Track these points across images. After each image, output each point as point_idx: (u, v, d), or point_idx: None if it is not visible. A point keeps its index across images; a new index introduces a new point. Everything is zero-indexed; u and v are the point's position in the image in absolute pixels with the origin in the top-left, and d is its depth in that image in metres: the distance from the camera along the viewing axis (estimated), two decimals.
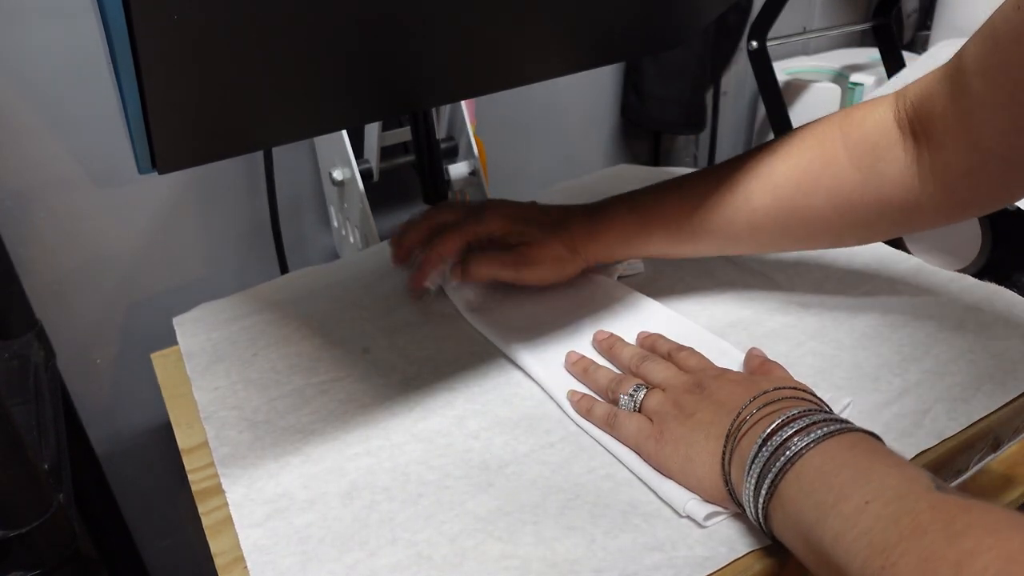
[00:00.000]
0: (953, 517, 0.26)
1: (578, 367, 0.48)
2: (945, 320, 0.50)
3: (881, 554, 0.27)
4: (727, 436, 0.36)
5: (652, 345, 0.48)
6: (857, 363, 0.47)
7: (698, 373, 0.42)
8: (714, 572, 0.34)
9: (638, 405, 0.42)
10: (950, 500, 0.28)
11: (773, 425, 0.34)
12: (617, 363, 0.48)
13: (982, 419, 0.42)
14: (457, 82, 0.49)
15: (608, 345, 0.49)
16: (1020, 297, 0.51)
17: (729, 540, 0.36)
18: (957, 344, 0.47)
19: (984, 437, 0.42)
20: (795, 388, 0.37)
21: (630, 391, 0.43)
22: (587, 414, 0.44)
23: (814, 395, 0.38)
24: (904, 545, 0.26)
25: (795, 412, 0.34)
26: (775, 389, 0.37)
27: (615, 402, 0.43)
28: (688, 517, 0.37)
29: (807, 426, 0.33)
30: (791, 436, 0.33)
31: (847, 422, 0.34)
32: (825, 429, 0.33)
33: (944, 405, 0.43)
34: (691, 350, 0.46)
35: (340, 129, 0.76)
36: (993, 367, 0.45)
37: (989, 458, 0.44)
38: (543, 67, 0.51)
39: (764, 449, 0.34)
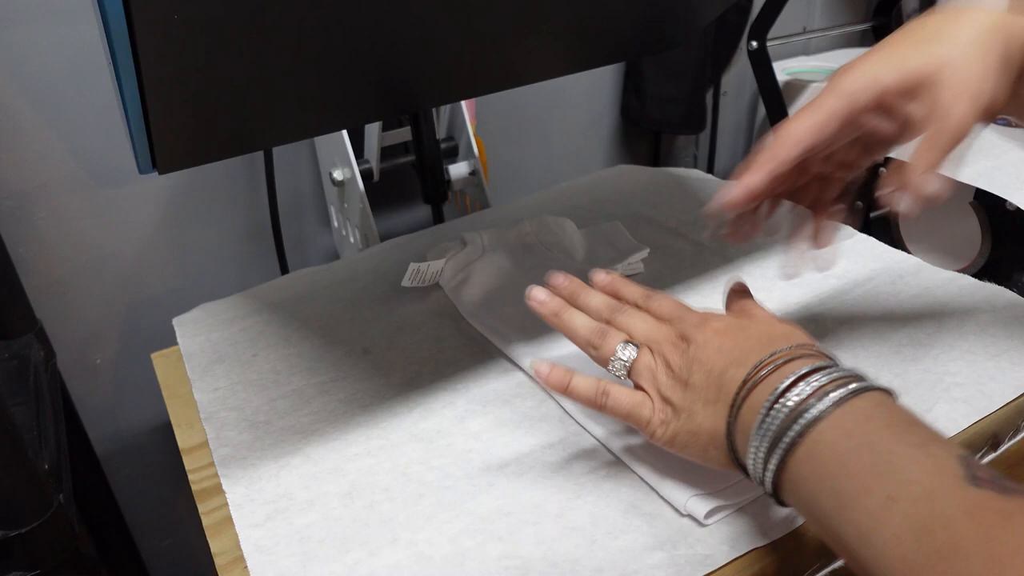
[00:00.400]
0: (991, 530, 0.24)
1: (547, 308, 0.41)
2: (945, 320, 0.50)
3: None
4: (731, 405, 0.33)
5: (616, 292, 0.43)
6: (856, 363, 0.47)
7: (677, 323, 0.38)
8: (715, 570, 0.35)
9: (628, 367, 0.38)
10: (986, 502, 0.25)
11: (779, 389, 0.31)
12: (584, 312, 0.42)
13: (982, 419, 0.42)
14: (457, 82, 0.49)
15: (569, 292, 0.43)
16: (1020, 297, 0.51)
17: (730, 538, 0.36)
18: (957, 344, 0.47)
19: (984, 437, 0.42)
20: (796, 346, 0.34)
21: (619, 352, 0.38)
22: (567, 391, 0.39)
23: (809, 342, 0.34)
24: (942, 567, 0.24)
25: (803, 371, 0.31)
26: (772, 355, 0.33)
27: (602, 361, 0.39)
28: (689, 516, 0.37)
29: (816, 391, 0.30)
30: (801, 405, 0.30)
31: (856, 377, 0.31)
32: (836, 394, 0.30)
33: (944, 405, 0.43)
34: (661, 295, 0.41)
35: (340, 129, 0.76)
36: (993, 367, 0.45)
37: (989, 458, 0.44)
38: (543, 67, 0.51)
39: (770, 419, 0.31)
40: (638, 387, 0.38)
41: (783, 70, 1.16)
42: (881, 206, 0.78)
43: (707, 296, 0.56)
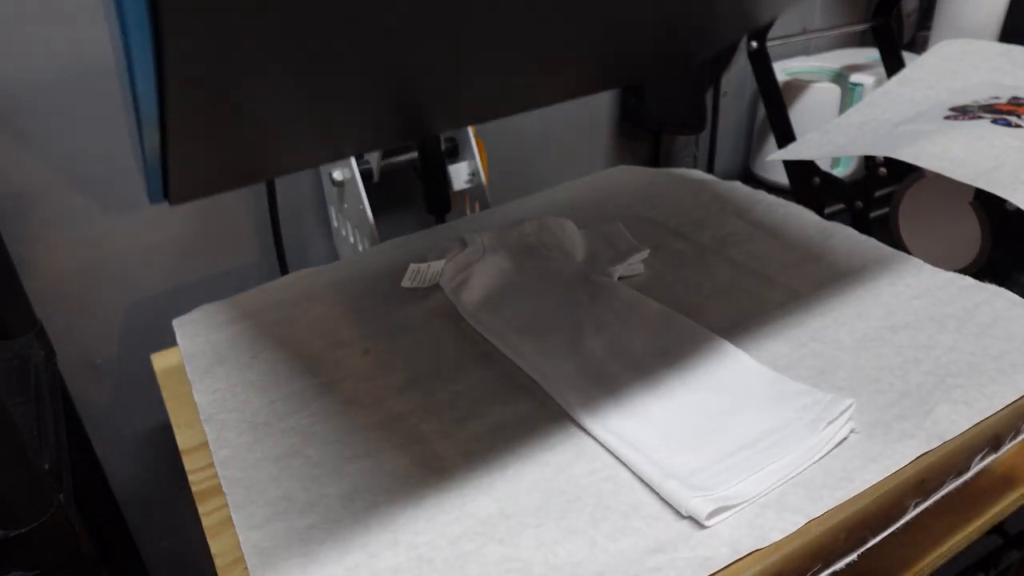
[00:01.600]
0: None
1: None
2: (946, 321, 0.50)
3: None
4: None
5: None
6: (858, 365, 0.47)
7: None
8: (716, 572, 0.34)
9: None
10: None
11: None
12: None
13: (983, 421, 0.42)
14: (471, 110, 0.49)
15: None
16: (1020, 297, 0.51)
17: (731, 540, 0.36)
18: (958, 345, 0.47)
19: (985, 438, 0.42)
20: None
21: None
22: None
23: None
24: None
25: None
26: None
27: None
28: (690, 518, 0.37)
29: None
30: None
31: None
32: None
33: (945, 407, 0.42)
34: None
35: (352, 155, 0.76)
36: (994, 368, 0.45)
37: (990, 459, 0.44)
38: (557, 93, 0.51)
39: None
40: None
41: (783, 70, 1.16)
42: (881, 206, 0.77)
43: (707, 296, 0.56)
